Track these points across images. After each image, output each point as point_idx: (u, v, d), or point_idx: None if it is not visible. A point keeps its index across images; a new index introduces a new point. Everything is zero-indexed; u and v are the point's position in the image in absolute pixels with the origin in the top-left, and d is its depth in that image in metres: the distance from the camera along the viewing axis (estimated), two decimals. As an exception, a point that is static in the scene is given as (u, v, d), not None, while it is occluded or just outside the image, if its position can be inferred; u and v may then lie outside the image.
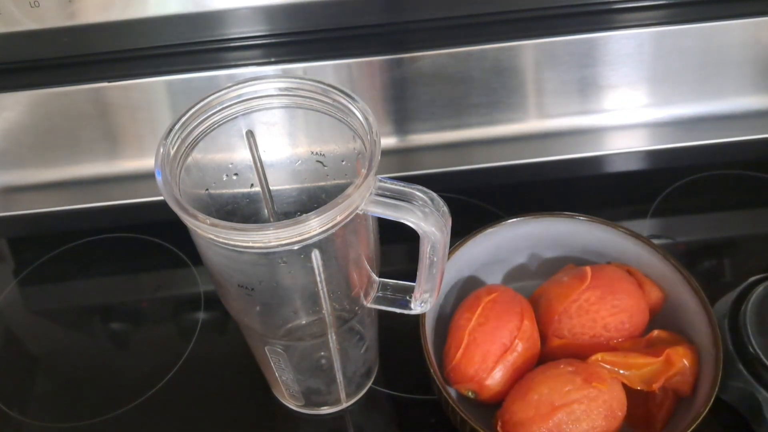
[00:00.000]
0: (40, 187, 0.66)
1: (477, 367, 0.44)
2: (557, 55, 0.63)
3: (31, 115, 0.63)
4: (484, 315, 0.45)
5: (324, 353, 0.45)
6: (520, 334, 0.44)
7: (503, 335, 0.44)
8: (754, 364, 0.44)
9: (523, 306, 0.46)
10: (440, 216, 0.34)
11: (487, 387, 0.44)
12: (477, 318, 0.45)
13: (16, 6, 0.56)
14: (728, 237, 0.59)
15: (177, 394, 0.50)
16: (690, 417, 0.40)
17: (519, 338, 0.44)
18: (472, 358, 0.44)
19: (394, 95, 0.64)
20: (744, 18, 0.63)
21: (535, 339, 0.46)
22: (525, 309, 0.46)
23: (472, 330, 0.45)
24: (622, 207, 0.62)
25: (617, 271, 0.47)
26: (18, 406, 0.50)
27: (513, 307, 0.46)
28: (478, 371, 0.44)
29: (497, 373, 0.44)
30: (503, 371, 0.44)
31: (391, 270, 0.43)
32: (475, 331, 0.45)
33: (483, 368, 0.44)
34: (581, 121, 0.67)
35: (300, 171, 0.42)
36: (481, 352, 0.44)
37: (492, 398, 0.44)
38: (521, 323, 0.45)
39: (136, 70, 0.62)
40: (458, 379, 0.45)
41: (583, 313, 0.45)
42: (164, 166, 0.34)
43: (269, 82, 0.37)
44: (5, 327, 0.56)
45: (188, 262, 0.58)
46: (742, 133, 0.66)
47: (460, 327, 0.46)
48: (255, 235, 0.31)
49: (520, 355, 0.44)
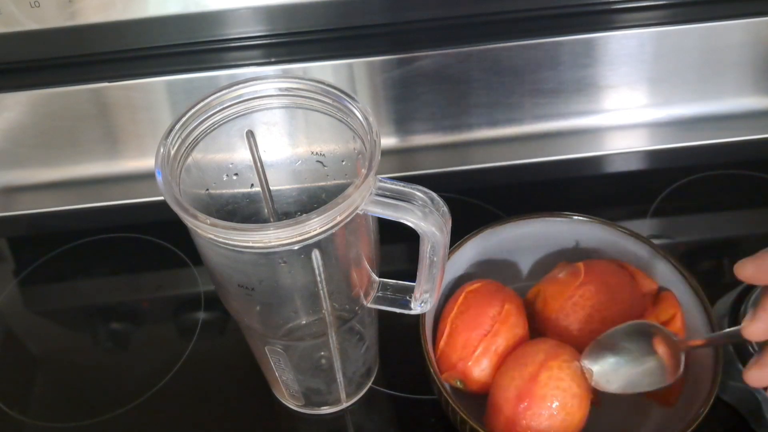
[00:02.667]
0: (40, 187, 0.66)
1: (459, 353, 0.44)
2: (557, 55, 0.63)
3: (32, 115, 0.63)
4: (465, 304, 0.46)
5: (324, 353, 0.45)
6: (501, 318, 0.45)
7: (484, 321, 0.45)
8: (754, 364, 0.43)
9: (506, 294, 0.46)
10: (440, 216, 0.34)
11: (471, 374, 0.44)
12: (458, 307, 0.46)
13: (16, 6, 0.56)
14: (728, 237, 0.59)
15: (177, 394, 0.50)
16: (690, 417, 0.40)
17: (500, 322, 0.44)
18: (454, 345, 0.44)
19: (394, 95, 0.64)
20: (744, 18, 0.63)
21: (520, 326, 0.46)
22: (508, 297, 0.46)
23: (454, 318, 0.45)
24: (622, 207, 0.62)
25: (609, 265, 0.47)
26: (18, 406, 0.50)
27: (495, 295, 0.46)
28: (461, 357, 0.44)
29: (481, 359, 0.44)
30: (487, 357, 0.44)
31: (391, 270, 0.44)
32: (456, 319, 0.45)
33: (465, 354, 0.44)
34: (581, 121, 0.67)
35: (300, 171, 0.42)
36: (463, 339, 0.44)
37: (479, 388, 0.44)
38: (502, 308, 0.45)
39: (136, 70, 0.62)
40: (444, 368, 0.45)
41: (579, 308, 0.45)
42: (164, 166, 0.34)
43: (269, 82, 0.37)
44: (5, 327, 0.56)
45: (188, 262, 0.58)
46: (742, 133, 0.66)
47: (443, 318, 0.46)
48: (255, 235, 0.31)
49: (503, 340, 0.44)
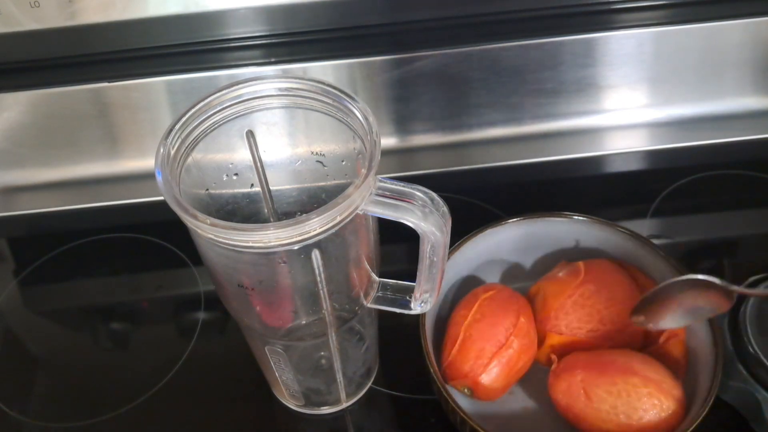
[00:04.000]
0: (40, 187, 0.66)
1: (472, 363, 0.44)
2: (557, 55, 0.63)
3: (31, 115, 0.63)
4: (480, 312, 0.45)
5: (324, 353, 0.45)
6: (516, 330, 0.44)
7: (499, 332, 0.44)
8: (754, 364, 0.44)
9: (519, 303, 0.46)
10: (440, 216, 0.34)
11: (482, 384, 0.44)
12: (473, 315, 0.45)
13: (16, 6, 0.56)
14: (728, 237, 0.59)
15: (177, 394, 0.50)
16: (690, 417, 0.40)
17: (515, 335, 0.44)
18: (467, 354, 0.44)
19: (394, 95, 0.64)
20: (744, 18, 0.63)
21: (531, 337, 0.46)
22: (522, 306, 0.46)
23: (468, 326, 0.45)
24: (622, 207, 0.62)
25: (610, 264, 0.47)
26: (18, 406, 0.50)
27: (509, 304, 0.46)
28: (473, 368, 0.44)
29: (492, 370, 0.44)
30: (499, 368, 0.44)
31: (391, 270, 0.43)
32: (470, 327, 0.45)
33: (478, 365, 0.44)
34: (581, 121, 0.67)
35: (300, 171, 0.42)
36: (477, 349, 0.44)
37: (487, 396, 0.44)
38: (517, 320, 0.45)
39: (136, 70, 0.62)
40: (453, 375, 0.45)
41: (579, 308, 0.45)
42: (164, 166, 0.34)
43: (269, 82, 0.37)
44: (5, 327, 0.56)
45: (188, 262, 0.58)
46: (742, 133, 0.66)
47: (456, 324, 0.46)
48: (255, 235, 0.31)
49: (515, 352, 0.44)
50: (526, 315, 0.46)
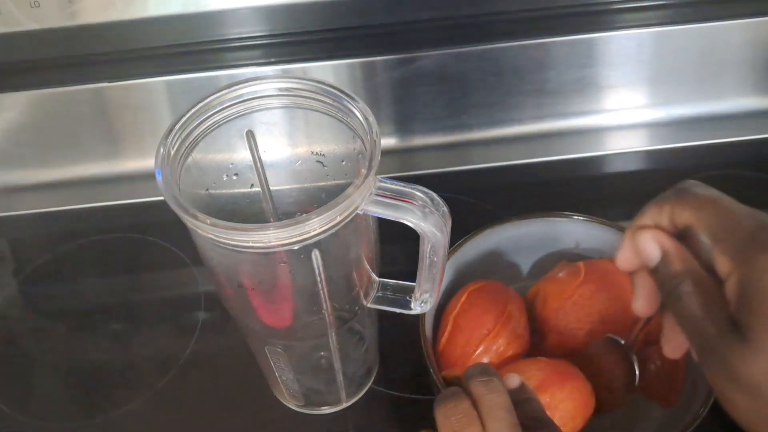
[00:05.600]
0: (41, 187, 0.66)
1: (461, 351, 0.44)
2: (557, 55, 0.63)
3: (31, 115, 0.63)
4: (468, 302, 0.46)
5: (324, 353, 0.45)
6: (504, 319, 0.45)
7: (486, 320, 0.45)
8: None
9: (508, 294, 0.47)
10: (440, 216, 0.34)
11: None
12: (461, 305, 0.46)
13: (16, 6, 0.56)
14: (728, 237, 0.59)
15: (177, 394, 0.50)
16: (690, 417, 0.40)
17: (503, 324, 0.44)
18: (456, 342, 0.45)
19: (394, 95, 0.64)
20: (744, 18, 0.63)
21: (522, 327, 0.46)
22: (511, 297, 0.46)
23: (457, 316, 0.45)
24: (622, 207, 0.62)
25: (610, 264, 0.47)
26: (18, 406, 0.50)
27: (498, 296, 0.46)
28: (462, 356, 0.44)
29: (483, 360, 0.44)
30: (489, 358, 0.44)
31: (391, 270, 0.43)
32: (459, 317, 0.45)
33: (466, 352, 0.44)
34: (581, 121, 0.67)
35: (300, 171, 0.42)
36: (465, 337, 0.44)
37: None
38: (505, 308, 0.45)
39: (136, 70, 0.62)
40: (445, 364, 0.45)
41: (578, 308, 0.45)
42: (164, 166, 0.34)
43: (269, 83, 0.37)
44: (5, 327, 0.56)
45: (188, 262, 0.58)
46: (742, 133, 0.66)
47: (446, 315, 0.46)
48: (255, 235, 0.31)
49: (504, 341, 0.44)
50: (515, 305, 0.46)
